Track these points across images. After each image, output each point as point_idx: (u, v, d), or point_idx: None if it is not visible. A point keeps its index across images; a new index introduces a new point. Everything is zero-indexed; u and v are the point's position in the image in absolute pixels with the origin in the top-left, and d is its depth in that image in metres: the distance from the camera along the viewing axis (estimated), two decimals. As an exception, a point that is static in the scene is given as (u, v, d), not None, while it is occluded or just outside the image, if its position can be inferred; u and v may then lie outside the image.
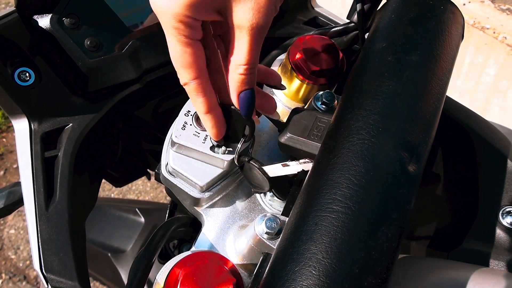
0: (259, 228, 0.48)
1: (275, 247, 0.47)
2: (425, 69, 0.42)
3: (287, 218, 0.48)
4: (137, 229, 1.28)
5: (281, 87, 0.56)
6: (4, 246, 2.37)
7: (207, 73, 0.45)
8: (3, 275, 2.29)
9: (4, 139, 2.69)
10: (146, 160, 0.86)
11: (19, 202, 0.65)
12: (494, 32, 2.67)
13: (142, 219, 1.29)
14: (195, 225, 0.61)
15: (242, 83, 0.45)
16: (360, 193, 0.35)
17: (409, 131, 0.39)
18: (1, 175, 2.62)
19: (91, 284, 2.14)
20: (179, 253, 0.76)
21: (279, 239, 0.46)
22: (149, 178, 0.96)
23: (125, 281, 1.24)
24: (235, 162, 0.52)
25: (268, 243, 0.47)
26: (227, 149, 0.53)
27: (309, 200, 0.37)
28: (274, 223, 0.47)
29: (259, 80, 0.53)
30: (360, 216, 0.34)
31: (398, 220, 0.35)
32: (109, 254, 1.25)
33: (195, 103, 0.47)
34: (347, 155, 0.37)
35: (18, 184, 0.66)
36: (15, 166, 2.62)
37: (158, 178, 0.60)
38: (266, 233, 0.47)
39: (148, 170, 0.93)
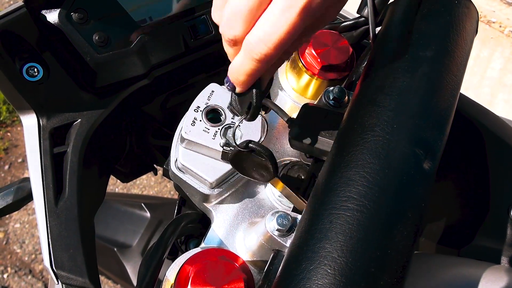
0: (270, 225, 0.47)
1: (286, 244, 0.47)
2: (439, 65, 0.41)
3: (299, 215, 0.48)
4: (143, 224, 1.28)
5: None
6: (10, 240, 2.38)
7: None
8: (9, 269, 2.30)
9: (8, 133, 2.70)
10: (153, 156, 0.85)
11: (28, 198, 0.65)
12: (500, 26, 2.65)
13: (148, 214, 1.30)
14: (204, 221, 0.61)
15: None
16: (375, 191, 0.35)
17: (424, 127, 0.38)
18: (6, 169, 2.63)
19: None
20: (186, 248, 0.76)
21: (292, 237, 0.46)
22: (155, 173, 0.95)
23: (131, 275, 1.25)
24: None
25: (279, 240, 0.47)
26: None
27: (323, 198, 0.36)
28: (286, 220, 0.47)
29: None
30: (376, 214, 0.34)
31: (413, 218, 0.35)
32: (115, 249, 1.25)
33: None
34: (361, 152, 0.37)
35: (26, 180, 0.66)
36: (20, 160, 2.62)
37: (167, 174, 0.60)
38: (277, 230, 0.47)
39: (155, 165, 0.93)
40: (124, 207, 1.32)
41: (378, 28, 0.66)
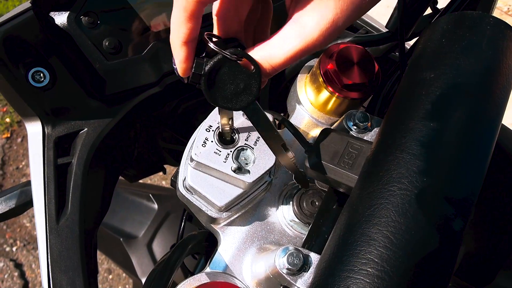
0: (280, 261, 0.44)
1: (295, 284, 0.44)
2: (478, 109, 0.37)
3: (311, 253, 0.45)
4: (150, 216, 1.26)
5: None
6: (19, 213, 2.39)
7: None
8: (18, 242, 2.33)
9: (22, 107, 2.68)
10: (162, 157, 0.83)
11: (31, 202, 0.63)
12: (528, 22, 2.55)
13: (155, 206, 1.28)
14: (211, 239, 0.58)
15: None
16: (399, 255, 0.31)
17: (457, 182, 0.34)
18: (19, 142, 2.63)
19: (105, 263, 2.13)
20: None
21: (303, 277, 0.43)
22: (164, 173, 0.93)
23: (136, 266, 1.24)
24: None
25: (288, 278, 0.44)
26: (250, 169, 0.50)
27: (339, 256, 0.33)
28: (297, 259, 0.44)
29: None
30: (398, 283, 0.31)
31: (439, 285, 0.32)
32: (121, 239, 1.24)
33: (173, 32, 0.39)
34: (386, 207, 0.33)
35: (30, 183, 0.64)
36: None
37: (174, 184, 0.57)
38: (287, 268, 0.44)
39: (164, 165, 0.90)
40: (132, 196, 1.31)
41: (407, 42, 0.62)
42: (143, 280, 1.21)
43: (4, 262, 2.19)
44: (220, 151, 0.50)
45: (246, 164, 0.50)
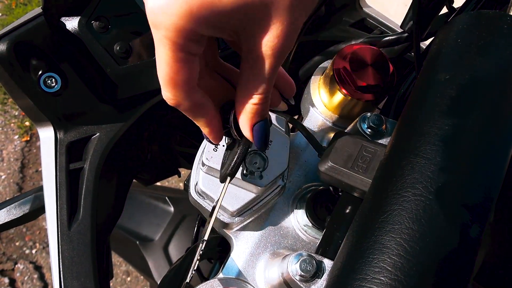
0: (293, 268, 0.43)
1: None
2: (495, 111, 0.36)
3: (325, 260, 0.44)
4: (166, 219, 1.26)
5: (288, 102, 0.48)
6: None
7: (200, 90, 0.38)
8: (37, 244, 2.35)
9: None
10: (176, 161, 0.82)
11: (44, 207, 0.63)
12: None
13: (172, 209, 1.28)
14: (223, 244, 0.58)
15: (256, 114, 0.39)
16: (413, 263, 0.30)
17: (473, 187, 0.33)
18: (38, 145, 2.67)
19: (123, 265, 2.14)
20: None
21: (316, 284, 0.42)
22: (179, 176, 0.93)
23: (152, 269, 1.24)
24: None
25: (301, 285, 0.43)
26: (261, 173, 0.49)
27: (352, 264, 0.32)
28: (310, 266, 0.43)
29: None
30: (413, 293, 0.30)
31: (456, 296, 0.31)
32: (137, 242, 1.24)
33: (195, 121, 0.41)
34: (399, 214, 0.32)
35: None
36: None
37: (187, 189, 0.56)
38: (300, 275, 0.43)
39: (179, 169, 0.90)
40: (148, 199, 1.31)
41: (422, 43, 0.60)
42: (160, 283, 1.21)
43: (24, 265, 2.22)
44: None
45: (258, 168, 0.49)
